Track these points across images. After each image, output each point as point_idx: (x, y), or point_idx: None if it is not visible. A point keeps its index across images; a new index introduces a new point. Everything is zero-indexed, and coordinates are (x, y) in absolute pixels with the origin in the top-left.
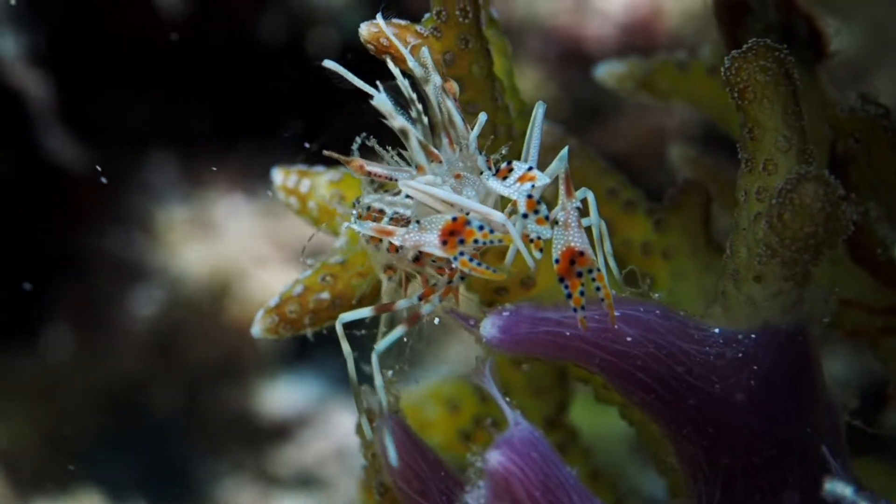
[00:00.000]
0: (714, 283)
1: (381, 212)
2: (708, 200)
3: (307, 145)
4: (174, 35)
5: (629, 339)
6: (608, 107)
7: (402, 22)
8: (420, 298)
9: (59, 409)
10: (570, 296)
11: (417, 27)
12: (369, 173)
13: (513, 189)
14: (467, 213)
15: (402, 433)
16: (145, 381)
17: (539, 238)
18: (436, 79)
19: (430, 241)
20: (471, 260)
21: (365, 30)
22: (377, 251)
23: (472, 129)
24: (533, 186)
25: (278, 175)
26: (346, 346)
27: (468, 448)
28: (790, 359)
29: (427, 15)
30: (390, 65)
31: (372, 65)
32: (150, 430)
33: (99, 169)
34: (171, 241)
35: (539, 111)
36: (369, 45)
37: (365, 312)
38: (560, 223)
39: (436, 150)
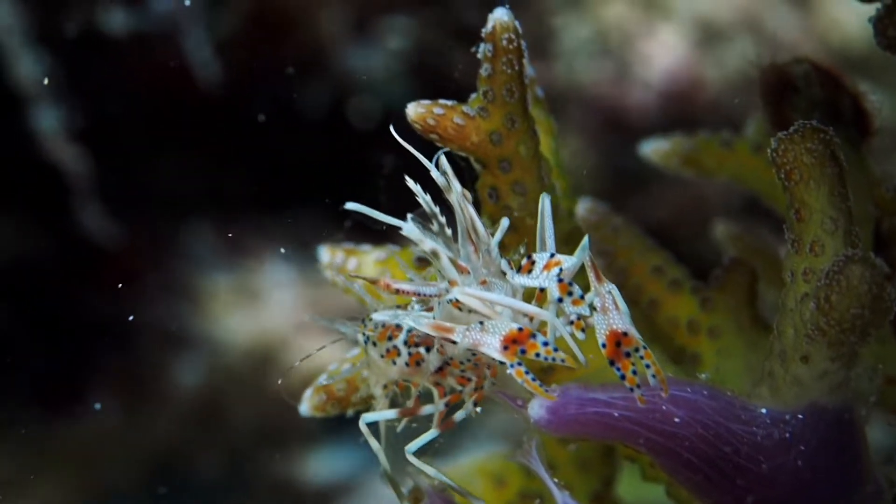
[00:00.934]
0: (760, 361)
1: (398, 327)
2: (753, 279)
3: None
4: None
5: (677, 419)
6: (649, 175)
7: (449, 103)
8: (447, 405)
9: (104, 477)
10: (623, 377)
11: (464, 107)
12: (397, 291)
13: (541, 279)
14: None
15: None
16: (189, 449)
17: (579, 319)
18: (456, 186)
19: (491, 344)
20: (526, 373)
21: (412, 111)
22: (390, 366)
23: (493, 234)
24: (561, 270)
25: (325, 253)
26: (373, 443)
27: None
28: (837, 439)
29: (473, 95)
30: (409, 182)
31: (412, 136)
32: (194, 499)
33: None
34: (214, 309)
35: (545, 202)
36: (416, 125)
37: (389, 414)
38: (598, 309)
39: (463, 263)
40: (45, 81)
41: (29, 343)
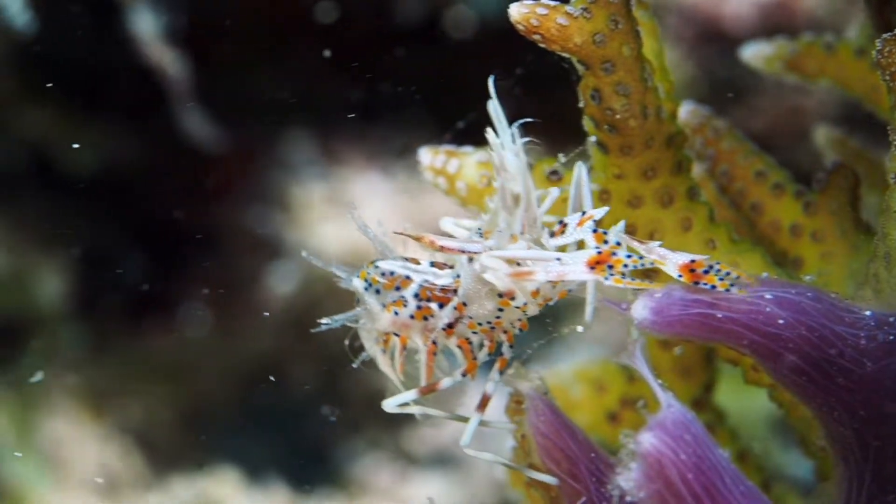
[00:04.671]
0: (863, 264)
1: (408, 279)
2: (856, 183)
3: (460, 124)
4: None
5: (781, 321)
6: (746, 86)
7: (552, 3)
8: (464, 375)
9: (197, 387)
10: (714, 287)
11: (567, 8)
12: (441, 248)
13: (577, 233)
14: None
15: (551, 414)
16: (282, 358)
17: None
18: (522, 158)
19: (577, 271)
20: (623, 277)
21: (515, 11)
22: (383, 315)
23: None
24: (595, 222)
25: (426, 155)
26: (415, 411)
27: (614, 429)
28: None
29: None
30: (490, 135)
31: (506, 44)
32: (287, 408)
33: None
34: (308, 218)
35: (582, 171)
36: (519, 26)
37: (409, 396)
38: (658, 259)
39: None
40: None
41: (124, 252)
